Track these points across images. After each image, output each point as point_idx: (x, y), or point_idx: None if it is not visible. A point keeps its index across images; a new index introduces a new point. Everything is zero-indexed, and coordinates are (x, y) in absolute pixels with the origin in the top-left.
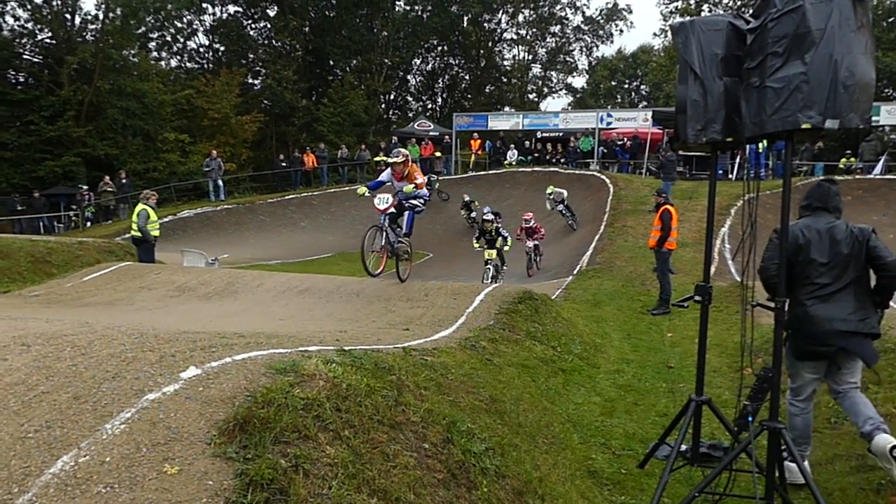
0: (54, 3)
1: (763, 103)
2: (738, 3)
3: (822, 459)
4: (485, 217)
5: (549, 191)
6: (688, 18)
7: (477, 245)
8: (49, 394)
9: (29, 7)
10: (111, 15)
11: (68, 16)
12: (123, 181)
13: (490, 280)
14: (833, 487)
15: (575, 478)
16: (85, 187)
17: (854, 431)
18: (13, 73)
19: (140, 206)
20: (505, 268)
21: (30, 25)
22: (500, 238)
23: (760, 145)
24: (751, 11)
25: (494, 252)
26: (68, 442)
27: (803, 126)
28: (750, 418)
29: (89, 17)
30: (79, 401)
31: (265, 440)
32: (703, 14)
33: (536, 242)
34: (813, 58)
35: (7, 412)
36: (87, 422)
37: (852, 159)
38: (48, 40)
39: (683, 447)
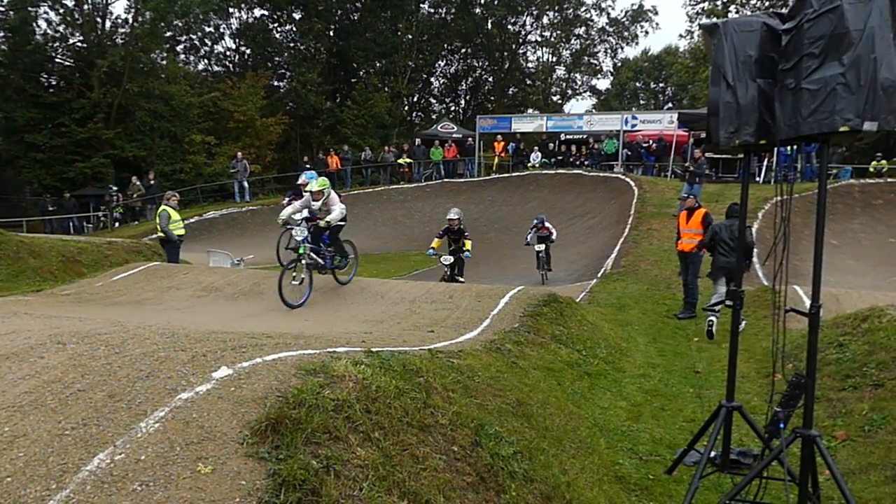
0: (85, 7)
1: (798, 105)
2: (766, 3)
3: (856, 468)
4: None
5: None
6: (721, 19)
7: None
8: (85, 392)
9: (61, 11)
10: (140, 19)
11: (99, 20)
12: (151, 182)
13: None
14: (867, 497)
15: (602, 483)
16: (114, 188)
17: (889, 440)
18: (45, 76)
19: (161, 207)
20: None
21: (62, 29)
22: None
23: (789, 148)
24: (784, 12)
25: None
26: (104, 440)
27: (841, 129)
28: (782, 425)
29: (119, 21)
30: (114, 399)
31: (297, 441)
32: (730, 15)
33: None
34: (851, 59)
35: (45, 409)
36: (122, 420)
37: (883, 162)
38: (79, 44)
39: (712, 453)
